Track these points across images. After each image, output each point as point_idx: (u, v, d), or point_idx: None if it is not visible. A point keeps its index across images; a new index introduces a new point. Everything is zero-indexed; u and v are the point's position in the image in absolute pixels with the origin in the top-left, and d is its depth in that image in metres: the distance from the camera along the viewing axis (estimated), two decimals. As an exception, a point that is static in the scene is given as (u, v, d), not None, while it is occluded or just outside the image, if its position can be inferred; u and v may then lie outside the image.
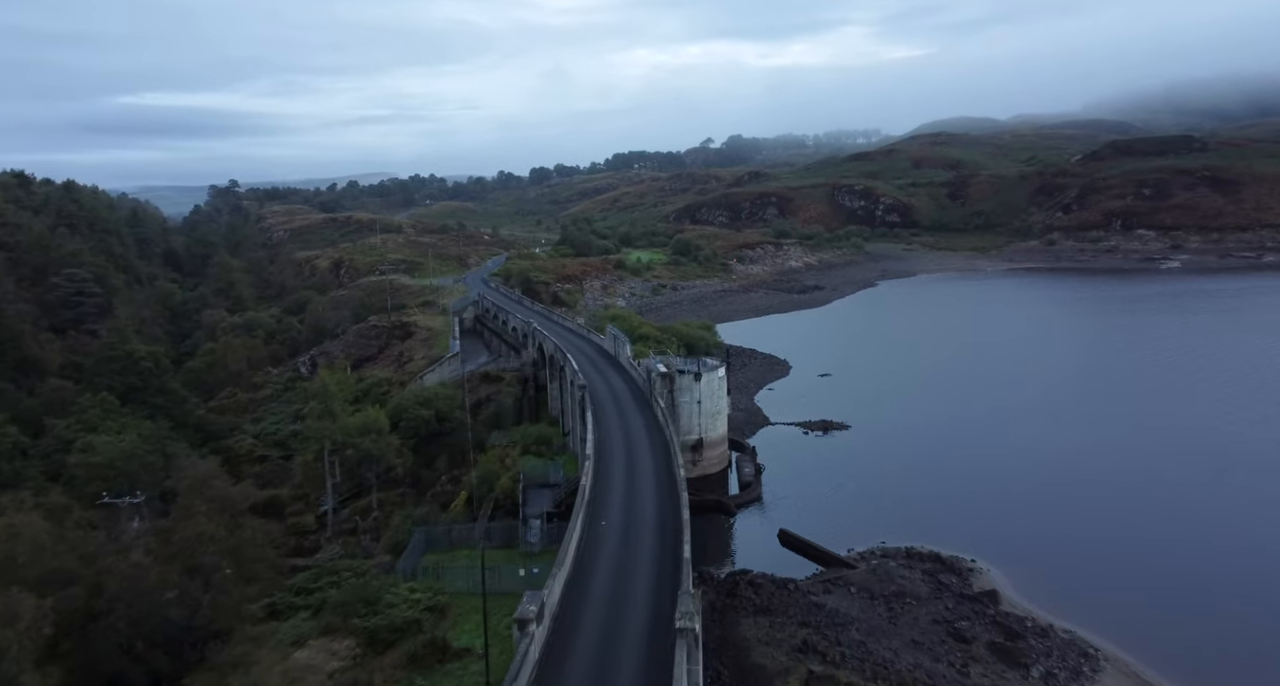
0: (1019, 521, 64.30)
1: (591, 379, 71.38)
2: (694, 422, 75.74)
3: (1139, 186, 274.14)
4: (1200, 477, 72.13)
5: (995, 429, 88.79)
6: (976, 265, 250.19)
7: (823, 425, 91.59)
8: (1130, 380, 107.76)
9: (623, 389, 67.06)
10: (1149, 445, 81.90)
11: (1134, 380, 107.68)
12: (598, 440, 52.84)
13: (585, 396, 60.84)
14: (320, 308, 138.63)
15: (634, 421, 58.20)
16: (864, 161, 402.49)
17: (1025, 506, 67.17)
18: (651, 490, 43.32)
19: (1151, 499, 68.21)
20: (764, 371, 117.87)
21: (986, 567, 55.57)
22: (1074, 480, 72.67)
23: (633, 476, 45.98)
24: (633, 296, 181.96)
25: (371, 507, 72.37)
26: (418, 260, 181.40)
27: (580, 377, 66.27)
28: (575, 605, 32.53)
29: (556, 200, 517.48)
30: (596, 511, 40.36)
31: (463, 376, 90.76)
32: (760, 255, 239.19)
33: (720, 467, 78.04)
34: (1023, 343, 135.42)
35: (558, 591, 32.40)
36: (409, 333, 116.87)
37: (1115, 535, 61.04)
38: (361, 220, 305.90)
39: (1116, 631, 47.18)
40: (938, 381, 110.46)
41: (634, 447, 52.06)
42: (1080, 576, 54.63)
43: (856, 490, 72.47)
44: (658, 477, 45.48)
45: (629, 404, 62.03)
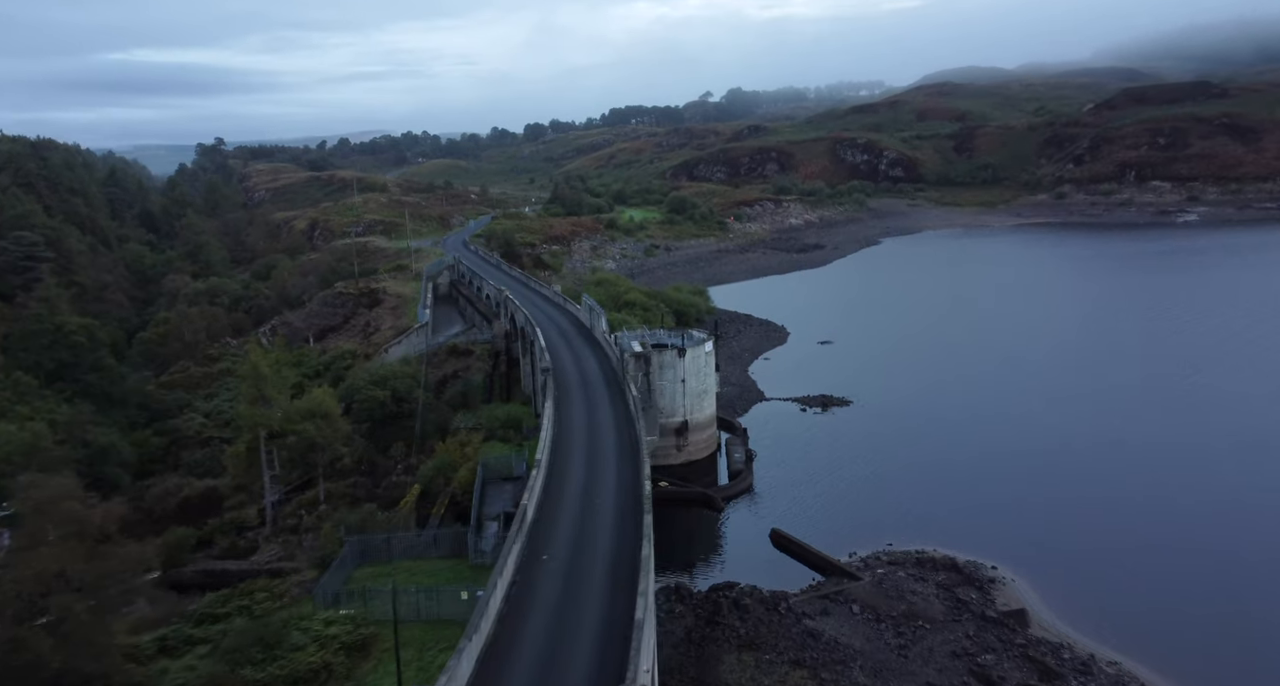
0: (1045, 516, 56.59)
1: (561, 358, 63.27)
2: (678, 403, 67.81)
3: (1154, 136, 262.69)
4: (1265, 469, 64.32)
5: (1010, 405, 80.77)
6: (983, 220, 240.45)
7: (822, 401, 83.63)
8: (1155, 352, 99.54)
9: (595, 371, 58.85)
10: (1187, 426, 73.97)
11: (1159, 351, 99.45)
12: (555, 439, 44.89)
13: (549, 381, 52.76)
14: (286, 272, 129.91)
15: (602, 414, 50.18)
16: (867, 114, 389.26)
17: (1050, 497, 59.42)
18: (611, 510, 35.09)
19: (1200, 492, 60.41)
20: (759, 339, 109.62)
21: (1011, 577, 47.96)
22: (1109, 467, 64.87)
23: (591, 489, 37.86)
24: (623, 258, 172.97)
25: (319, 500, 64.81)
26: (397, 221, 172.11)
27: (546, 359, 58.12)
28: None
29: (551, 157, 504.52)
30: (540, 541, 32.32)
31: (425, 351, 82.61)
32: (759, 212, 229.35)
33: (708, 452, 70.31)
34: (1035, 307, 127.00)
35: (466, 669, 24.33)
36: (377, 300, 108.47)
37: (1160, 536, 53.34)
38: (345, 178, 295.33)
39: (1173, 661, 39.64)
40: (945, 349, 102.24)
41: (598, 451, 43.59)
42: (1123, 586, 47.03)
43: (858, 478, 64.70)
44: (620, 491, 37.24)
45: (599, 390, 54.02)
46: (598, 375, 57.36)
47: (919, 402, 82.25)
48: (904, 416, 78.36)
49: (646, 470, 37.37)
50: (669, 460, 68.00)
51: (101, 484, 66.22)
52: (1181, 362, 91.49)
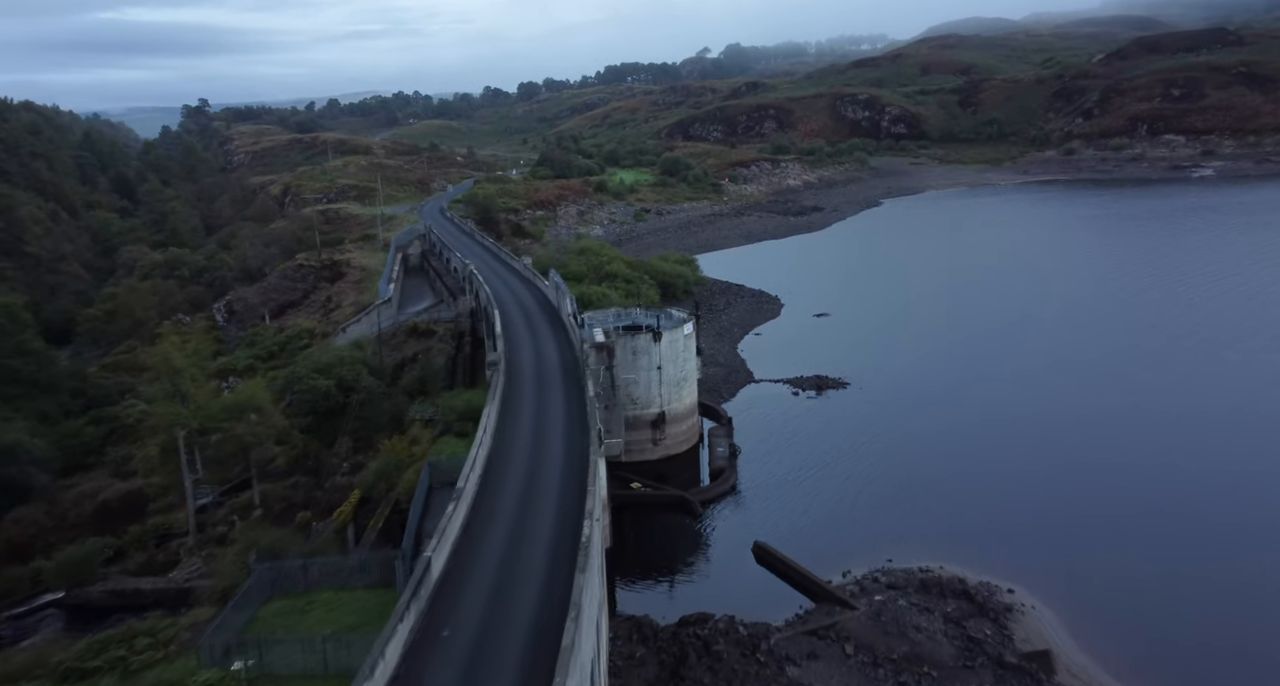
0: (1069, 527, 49.62)
1: (518, 346, 55.83)
2: (653, 393, 60.64)
3: (1167, 87, 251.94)
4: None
5: (1022, 389, 73.49)
6: (989, 179, 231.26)
7: (816, 383, 76.37)
8: (1182, 324, 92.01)
9: (554, 362, 51.36)
10: (1236, 411, 66.77)
11: (1186, 324, 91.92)
12: (490, 457, 37.63)
13: (496, 377, 45.43)
14: (248, 243, 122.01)
15: (554, 419, 42.86)
16: (868, 68, 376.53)
17: (1076, 503, 52.41)
18: (540, 566, 27.27)
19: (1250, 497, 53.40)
20: (751, 312, 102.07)
21: (1030, 604, 41.11)
22: (1146, 466, 57.76)
23: (522, 530, 30.26)
24: (612, 223, 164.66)
25: (253, 504, 58.04)
26: (373, 186, 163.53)
27: (496, 348, 50.67)
28: None
29: (545, 117, 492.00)
30: (443, 611, 24.80)
31: (381, 331, 75.17)
32: (755, 173, 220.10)
33: (689, 445, 63.31)
34: (1044, 273, 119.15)
35: None
36: (340, 273, 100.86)
37: (1215, 551, 46.41)
38: (328, 141, 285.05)
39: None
40: (949, 323, 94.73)
41: (539, 476, 35.46)
42: (1168, 616, 40.17)
43: (854, 476, 57.68)
44: (556, 538, 29.28)
45: (555, 387, 46.67)
46: (556, 367, 49.91)
47: (921, 384, 75.00)
48: (904, 401, 71.14)
49: (593, 501, 30.12)
50: (645, 455, 61.12)
51: (10, 488, 59.47)
52: (1217, 336, 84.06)
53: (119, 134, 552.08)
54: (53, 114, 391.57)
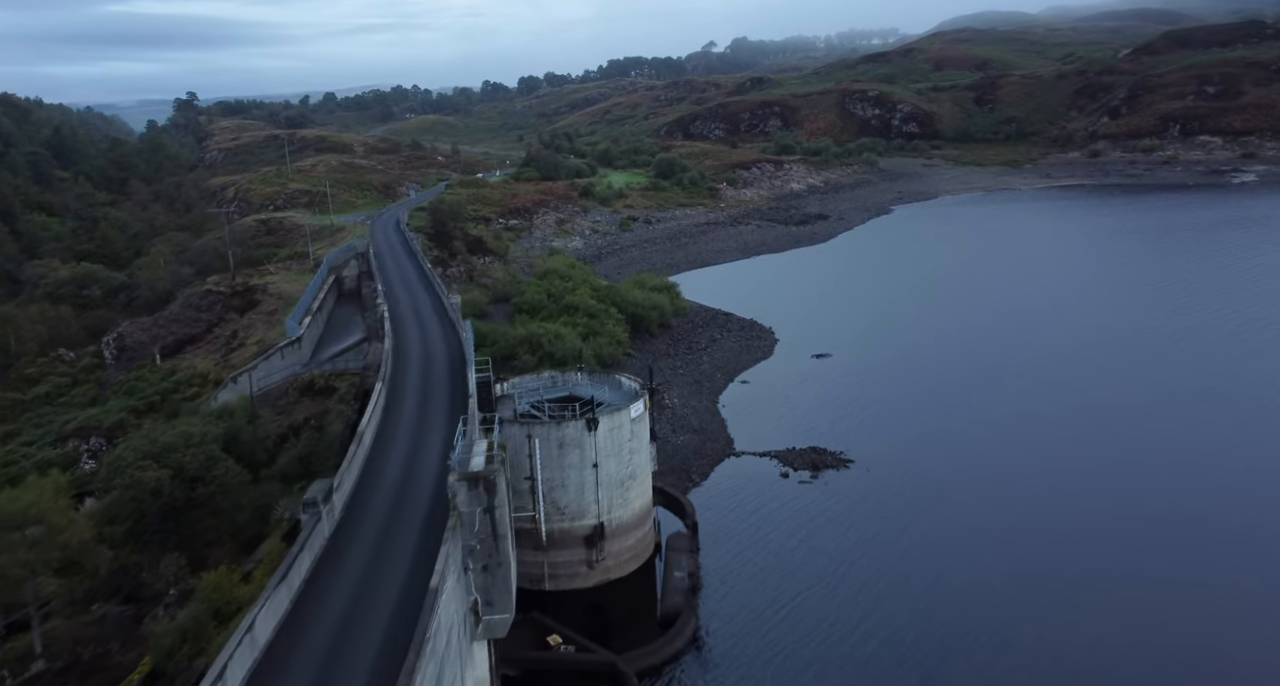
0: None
1: (390, 443, 39.76)
2: (587, 499, 44.95)
3: (1201, 83, 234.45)
4: None
5: (1084, 476, 57.54)
6: (1007, 182, 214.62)
7: (811, 459, 60.49)
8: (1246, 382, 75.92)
9: (426, 487, 34.87)
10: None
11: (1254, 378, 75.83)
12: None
13: (315, 528, 29.62)
14: (162, 260, 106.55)
15: (384, 601, 27.15)
16: (879, 64, 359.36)
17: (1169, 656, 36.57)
18: None
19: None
20: (738, 351, 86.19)
21: None
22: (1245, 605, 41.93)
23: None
24: (594, 234, 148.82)
25: (34, 652, 42.59)
26: (329, 190, 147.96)
27: (347, 460, 34.65)
28: None
29: (544, 113, 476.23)
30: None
31: (250, 392, 59.43)
32: (756, 176, 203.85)
33: (640, 562, 47.60)
34: (1083, 305, 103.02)
35: None
36: (252, 301, 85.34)
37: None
38: (307, 138, 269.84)
39: None
40: (973, 368, 78.73)
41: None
42: None
43: (861, 625, 41.87)
44: None
45: (408, 535, 30.72)
46: (424, 500, 33.87)
47: (946, 467, 59.08)
48: (926, 495, 55.24)
49: None
50: (575, 582, 45.51)
51: None
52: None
53: (113, 128, 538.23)
54: (33, 107, 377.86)
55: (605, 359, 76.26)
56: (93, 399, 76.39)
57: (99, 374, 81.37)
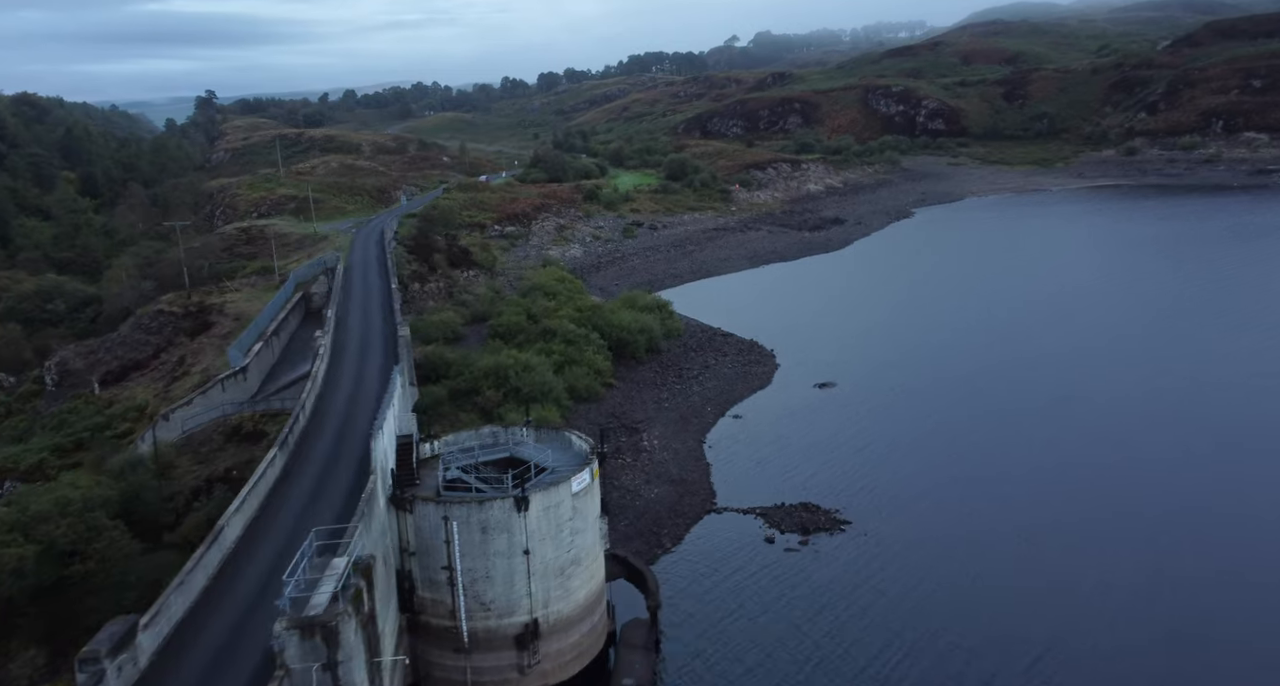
0: None
1: (244, 562, 32.33)
2: (517, 592, 37.52)
3: (1246, 77, 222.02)
4: None
5: (1129, 550, 49.30)
6: (1037, 182, 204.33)
7: (802, 519, 52.62)
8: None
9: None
10: None
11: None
12: None
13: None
14: (124, 273, 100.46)
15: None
16: (904, 58, 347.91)
17: None
18: None
19: None
20: (734, 378, 78.29)
21: None
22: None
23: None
24: (595, 241, 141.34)
25: None
26: (317, 195, 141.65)
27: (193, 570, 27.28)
28: None
29: (562, 110, 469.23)
30: None
31: (153, 445, 52.51)
32: (771, 177, 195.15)
33: (582, 666, 40.01)
34: (1119, 323, 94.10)
35: None
36: (206, 323, 78.79)
37: None
38: (315, 137, 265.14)
39: None
40: (999, 404, 70.32)
41: None
42: None
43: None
44: None
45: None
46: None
47: (957, 524, 51.01)
48: (932, 563, 47.23)
49: None
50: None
51: None
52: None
53: (137, 126, 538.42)
54: (53, 106, 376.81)
55: (581, 393, 68.89)
56: (23, 432, 70.15)
57: (35, 403, 75.21)
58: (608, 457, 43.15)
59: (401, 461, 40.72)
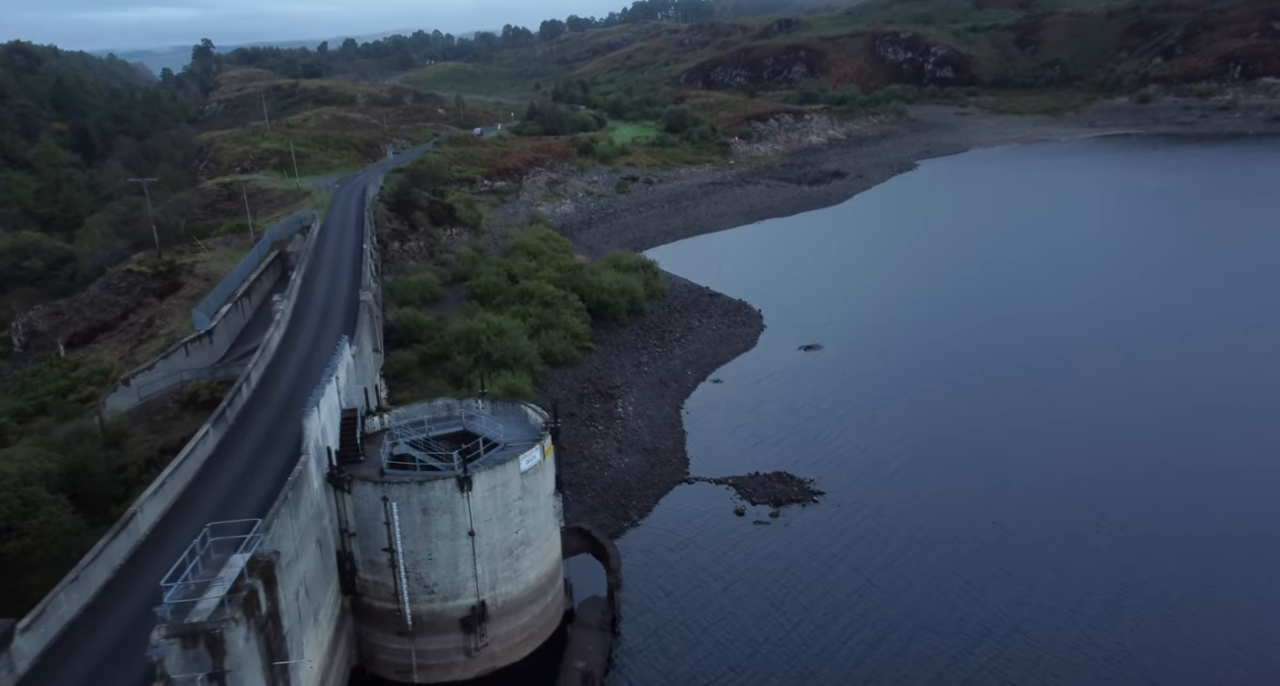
0: None
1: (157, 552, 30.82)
2: (462, 574, 36.04)
3: (1268, 19, 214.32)
4: None
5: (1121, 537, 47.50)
6: (1047, 133, 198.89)
7: (774, 490, 50.93)
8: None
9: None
10: None
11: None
12: None
13: None
14: (99, 231, 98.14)
15: None
16: (914, 3, 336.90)
17: None
18: None
19: None
20: (717, 341, 76.15)
21: None
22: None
23: None
24: (588, 196, 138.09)
25: None
26: (303, 150, 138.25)
27: None
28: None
29: (564, 59, 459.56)
30: None
31: (98, 418, 50.83)
32: (773, 128, 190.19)
33: (534, 647, 38.70)
34: (1116, 284, 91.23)
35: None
36: (175, 284, 76.79)
37: None
38: (310, 89, 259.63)
39: None
40: (989, 367, 68.13)
41: None
42: None
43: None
44: None
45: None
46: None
47: (936, 496, 49.24)
48: (907, 537, 45.57)
49: None
50: (452, 674, 36.91)
51: None
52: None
53: (135, 76, 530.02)
54: (46, 55, 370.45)
55: (557, 357, 66.93)
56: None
57: (1, 365, 73.79)
58: (561, 432, 41.33)
59: (345, 437, 39.05)
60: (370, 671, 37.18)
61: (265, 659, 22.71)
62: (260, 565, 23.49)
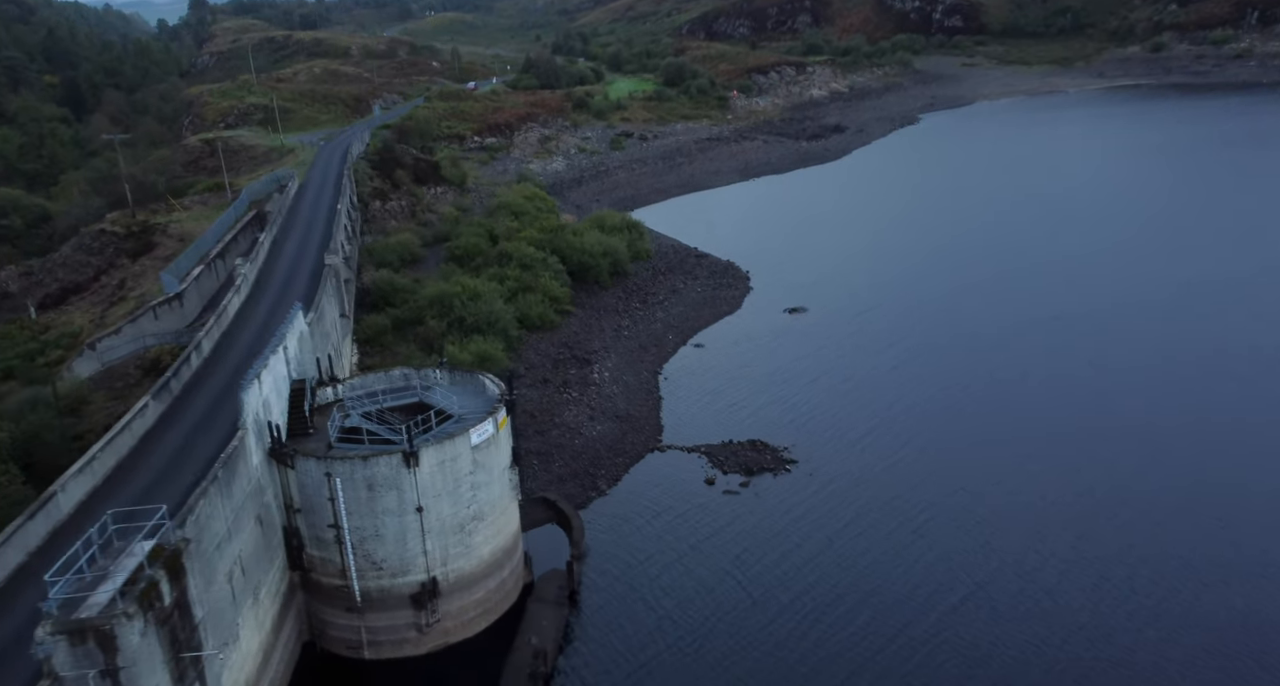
0: None
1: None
2: (411, 551, 35.21)
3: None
4: None
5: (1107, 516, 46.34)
6: (1055, 84, 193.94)
7: (747, 459, 49.86)
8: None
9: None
10: None
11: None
12: None
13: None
14: (76, 189, 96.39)
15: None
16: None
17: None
18: None
19: None
20: (701, 303, 74.60)
21: None
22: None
23: None
24: (580, 153, 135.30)
25: None
26: (289, 105, 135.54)
27: None
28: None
29: (566, 9, 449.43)
30: None
31: (52, 387, 49.69)
32: (774, 81, 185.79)
33: (490, 622, 38.01)
34: (1117, 248, 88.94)
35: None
36: (149, 244, 75.37)
37: None
38: (304, 41, 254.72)
39: None
40: (978, 331, 66.53)
41: None
42: None
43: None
44: None
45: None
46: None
47: (913, 466, 48.13)
48: (879, 510, 44.56)
49: None
50: (404, 650, 36.30)
51: None
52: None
53: (131, 28, 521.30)
54: (39, 4, 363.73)
55: (534, 322, 65.57)
56: None
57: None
58: (517, 404, 40.18)
59: (293, 409, 37.96)
60: (321, 647, 36.61)
61: (170, 652, 21.84)
62: (165, 554, 22.46)
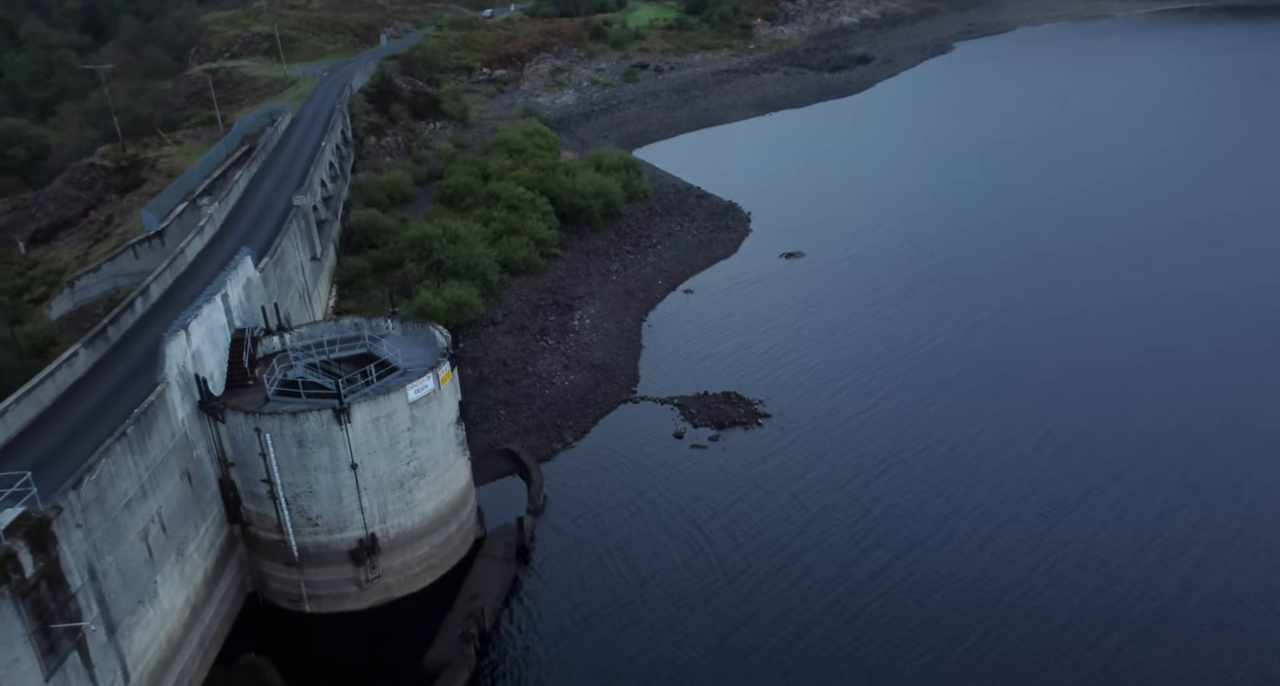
0: None
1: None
2: (346, 508, 34.53)
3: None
4: None
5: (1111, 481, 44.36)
6: (1101, 8, 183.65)
7: (718, 413, 48.31)
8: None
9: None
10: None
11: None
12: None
13: None
14: (75, 123, 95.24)
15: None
16: None
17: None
18: None
19: None
20: (696, 246, 72.23)
21: None
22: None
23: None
24: (592, 86, 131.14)
25: None
26: (296, 34, 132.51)
27: None
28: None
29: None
30: None
31: (11, 320, 49.15)
32: (801, 9, 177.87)
33: (434, 577, 37.44)
34: (1170, 184, 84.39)
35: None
36: (137, 180, 74.33)
37: None
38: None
39: None
40: (979, 281, 63.63)
41: None
42: None
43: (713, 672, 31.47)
44: None
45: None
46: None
47: (892, 421, 46.33)
48: (849, 468, 43.00)
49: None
50: (345, 604, 35.96)
51: None
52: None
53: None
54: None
55: (518, 266, 63.86)
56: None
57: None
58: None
59: (233, 359, 37.04)
60: (264, 599, 36.39)
61: (35, 623, 21.22)
62: (30, 523, 21.66)
